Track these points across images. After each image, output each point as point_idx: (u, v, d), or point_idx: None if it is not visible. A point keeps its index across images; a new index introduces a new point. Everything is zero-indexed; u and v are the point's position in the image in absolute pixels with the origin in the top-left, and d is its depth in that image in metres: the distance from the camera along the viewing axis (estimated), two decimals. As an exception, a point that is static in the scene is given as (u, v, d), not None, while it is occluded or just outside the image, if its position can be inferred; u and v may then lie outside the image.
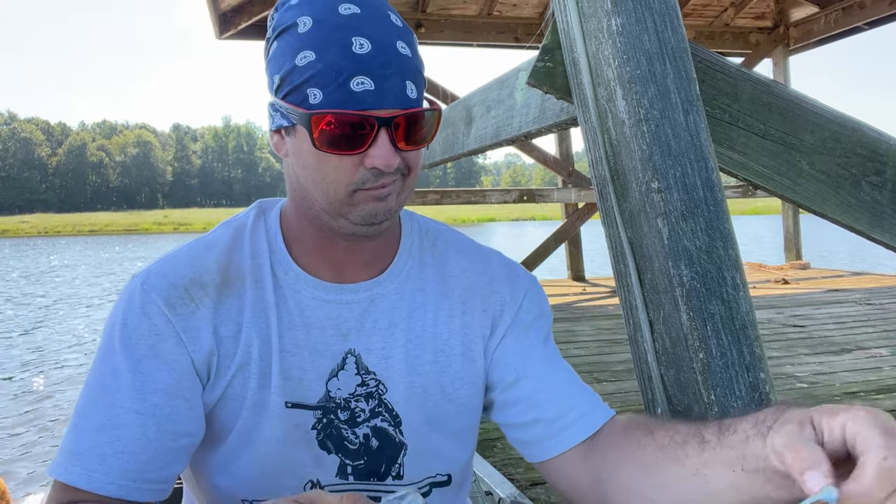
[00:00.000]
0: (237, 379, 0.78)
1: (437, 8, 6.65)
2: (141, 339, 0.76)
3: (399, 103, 0.71)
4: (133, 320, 0.76)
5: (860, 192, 1.20)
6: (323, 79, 0.70)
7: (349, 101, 0.69)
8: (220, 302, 0.79)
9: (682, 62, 1.03)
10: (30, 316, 10.98)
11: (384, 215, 0.75)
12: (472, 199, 7.06)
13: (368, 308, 0.82)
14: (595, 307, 5.58)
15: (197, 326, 0.77)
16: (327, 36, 0.70)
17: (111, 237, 57.07)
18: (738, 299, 0.99)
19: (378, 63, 0.70)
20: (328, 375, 0.80)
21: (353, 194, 0.73)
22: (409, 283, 0.85)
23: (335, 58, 0.69)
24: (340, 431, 0.81)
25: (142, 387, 0.74)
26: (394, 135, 0.71)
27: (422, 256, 0.88)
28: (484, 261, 0.90)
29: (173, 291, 0.77)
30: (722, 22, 7.36)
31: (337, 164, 0.72)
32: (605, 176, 1.09)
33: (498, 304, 0.87)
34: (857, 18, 6.51)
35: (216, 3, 5.91)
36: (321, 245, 0.82)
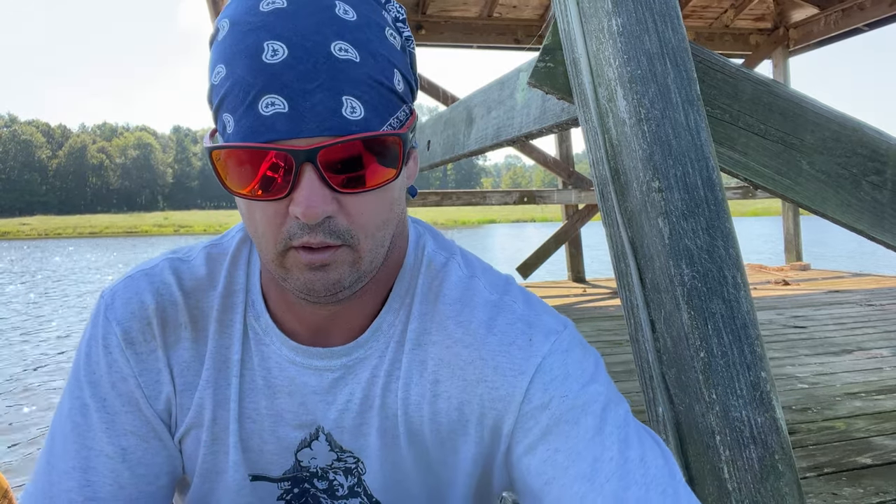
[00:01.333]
0: (189, 438, 0.68)
1: (437, 10, 6.66)
2: (103, 375, 0.66)
3: (329, 128, 0.51)
4: (95, 353, 0.67)
5: (860, 192, 1.20)
6: (232, 100, 0.53)
7: (257, 128, 0.52)
8: (180, 345, 0.67)
9: (683, 62, 1.04)
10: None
11: (326, 289, 0.57)
12: (472, 200, 7.06)
13: (344, 377, 0.67)
14: (595, 308, 5.58)
15: (156, 369, 0.67)
16: (238, 43, 0.53)
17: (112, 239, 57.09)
18: (739, 299, 0.99)
19: (296, 74, 0.51)
20: (297, 446, 0.68)
21: (285, 255, 0.56)
22: (392, 341, 0.67)
23: (242, 71, 0.52)
24: (319, 500, 0.70)
25: (110, 428, 0.65)
26: (322, 172, 0.52)
27: (411, 307, 0.68)
28: (484, 329, 0.65)
29: (134, 324, 0.66)
30: (722, 23, 7.37)
31: (262, 212, 0.55)
32: (606, 176, 1.09)
33: (494, 402, 0.64)
34: (857, 20, 6.51)
35: (216, 6, 5.92)
36: (290, 302, 0.66)
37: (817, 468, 2.03)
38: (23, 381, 6.10)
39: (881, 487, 1.87)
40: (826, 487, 1.89)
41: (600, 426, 0.60)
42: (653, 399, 1.09)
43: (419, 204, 6.23)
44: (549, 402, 0.61)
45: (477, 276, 0.69)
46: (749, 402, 0.97)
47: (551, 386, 0.62)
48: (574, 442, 0.59)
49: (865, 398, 2.75)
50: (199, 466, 0.68)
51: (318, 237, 0.54)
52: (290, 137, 0.51)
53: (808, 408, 2.65)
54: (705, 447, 0.98)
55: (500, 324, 0.65)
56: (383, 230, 0.59)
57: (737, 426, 0.96)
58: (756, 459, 0.96)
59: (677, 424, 1.03)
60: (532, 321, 0.66)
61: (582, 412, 0.60)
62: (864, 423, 2.43)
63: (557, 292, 6.60)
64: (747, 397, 0.97)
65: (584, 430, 0.59)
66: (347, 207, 0.55)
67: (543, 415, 0.61)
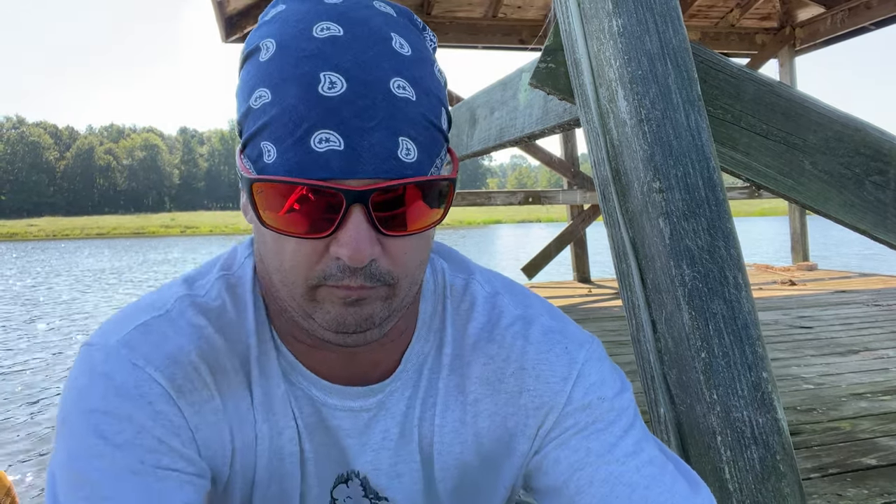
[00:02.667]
0: (256, 498, 0.63)
1: (442, 10, 6.67)
2: (142, 430, 0.54)
3: (385, 170, 0.49)
4: (123, 408, 0.54)
5: (863, 192, 1.20)
6: (278, 130, 0.49)
7: (307, 164, 0.48)
8: (233, 392, 0.60)
9: (684, 62, 1.04)
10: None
11: (357, 324, 0.54)
12: (477, 200, 7.07)
13: (377, 415, 0.63)
14: (601, 308, 5.57)
15: (213, 421, 0.58)
16: (289, 69, 0.49)
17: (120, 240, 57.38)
18: (740, 299, 0.99)
19: (354, 110, 0.48)
20: (334, 483, 0.65)
21: (316, 290, 0.53)
22: (425, 368, 0.65)
23: (294, 100, 0.49)
24: None
25: (160, 493, 0.54)
26: (372, 215, 0.49)
27: (442, 333, 0.66)
28: (521, 343, 0.65)
29: (178, 369, 0.57)
30: (727, 23, 7.35)
31: (296, 248, 0.52)
32: (608, 176, 1.09)
33: (537, 409, 0.65)
34: (864, 19, 6.48)
35: (222, 7, 5.95)
36: (310, 344, 0.61)
37: (822, 469, 2.02)
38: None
39: (886, 488, 1.86)
40: (830, 488, 1.88)
41: (630, 428, 0.63)
42: (654, 399, 1.09)
43: (424, 204, 6.23)
44: (588, 404, 0.64)
45: (500, 293, 0.69)
46: (750, 403, 0.97)
47: (591, 390, 0.64)
48: (608, 436, 0.62)
49: (871, 399, 2.74)
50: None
51: (359, 280, 0.52)
52: (344, 177, 0.48)
53: (813, 408, 2.64)
54: (706, 447, 0.98)
55: (535, 335, 0.66)
56: (420, 269, 0.57)
57: (738, 427, 0.96)
58: (757, 460, 0.96)
59: (679, 425, 1.03)
60: (563, 331, 0.67)
61: (617, 415, 0.64)
62: (869, 424, 2.42)
63: (563, 293, 6.59)
64: (748, 398, 0.97)
65: (618, 428, 0.63)
66: (390, 249, 0.52)
67: (582, 415, 0.63)
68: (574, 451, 0.62)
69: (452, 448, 0.65)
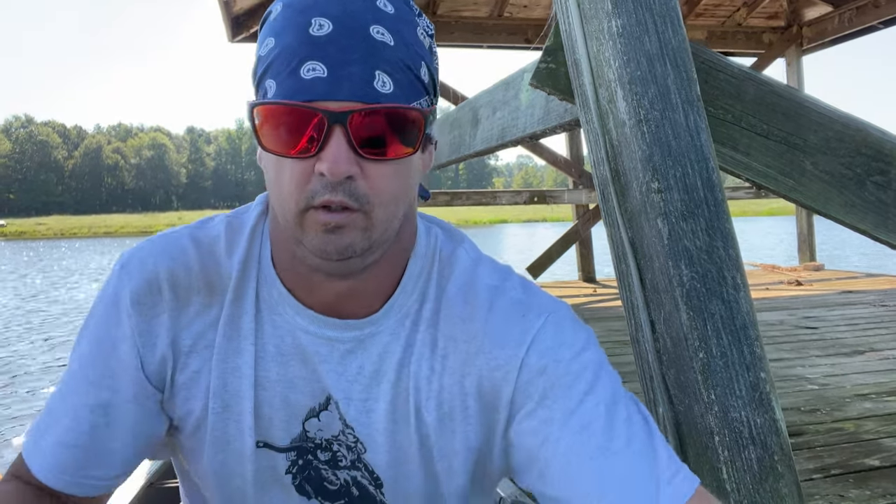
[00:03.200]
0: (194, 403, 0.70)
1: (447, 9, 6.67)
2: (107, 332, 0.69)
3: (360, 96, 0.57)
4: (105, 309, 0.70)
5: (864, 192, 1.20)
6: (277, 66, 0.59)
7: (297, 90, 0.57)
8: (190, 310, 0.69)
9: (683, 63, 1.04)
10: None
11: (340, 253, 0.60)
12: (482, 200, 7.07)
13: (354, 350, 0.69)
14: (606, 308, 5.57)
15: (155, 332, 0.69)
16: (289, 18, 0.60)
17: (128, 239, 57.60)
18: (739, 299, 0.99)
19: (337, 47, 0.57)
20: (305, 415, 0.70)
21: (304, 214, 0.60)
22: (407, 320, 0.70)
23: (290, 41, 0.59)
24: (320, 472, 0.72)
25: (98, 382, 0.68)
26: (351, 136, 0.57)
27: (426, 289, 0.71)
28: (486, 308, 0.69)
29: (144, 287, 0.68)
30: (734, 22, 7.32)
31: (289, 170, 0.60)
32: (607, 176, 1.10)
33: (492, 371, 0.68)
34: (872, 17, 6.44)
35: (229, 7, 5.96)
36: (304, 273, 0.68)
37: (824, 469, 2.02)
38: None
39: (888, 489, 1.85)
40: (833, 489, 1.87)
41: (591, 389, 0.65)
42: (653, 399, 1.09)
43: (429, 203, 6.24)
44: (544, 368, 0.66)
45: (482, 264, 0.74)
46: (748, 403, 0.97)
47: (546, 354, 0.67)
48: (567, 402, 0.64)
49: (876, 399, 2.73)
50: (210, 434, 0.70)
51: (339, 196, 0.58)
52: (325, 99, 0.57)
53: (817, 409, 2.63)
54: (704, 447, 0.98)
55: (500, 304, 0.70)
56: (396, 205, 0.62)
57: (736, 427, 0.96)
58: (755, 460, 0.96)
59: (677, 425, 1.04)
60: (529, 302, 0.70)
61: (575, 377, 0.65)
62: (873, 425, 2.41)
63: (568, 292, 6.59)
64: (746, 398, 0.97)
65: (577, 392, 0.65)
66: (368, 173, 0.59)
67: (540, 380, 0.66)
68: (539, 422, 0.65)
69: (420, 398, 0.69)
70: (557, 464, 0.63)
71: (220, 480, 0.72)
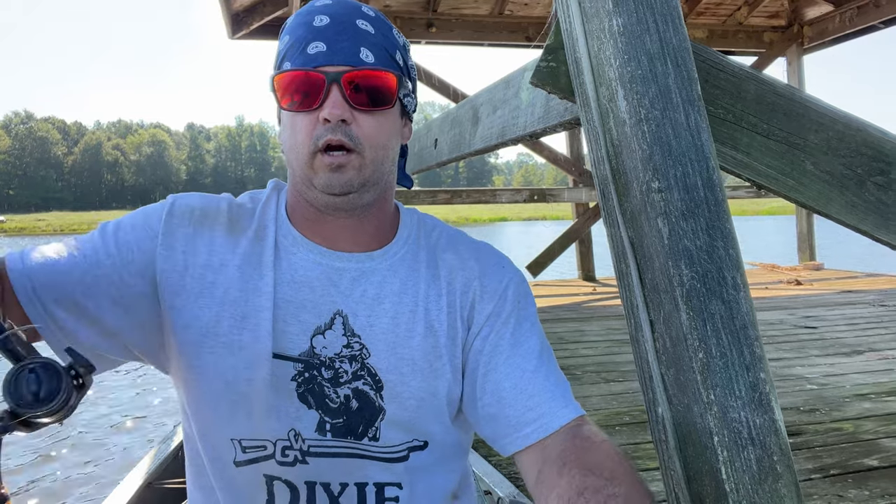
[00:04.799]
0: (207, 311, 0.82)
1: (447, 7, 6.66)
2: (137, 222, 0.84)
3: (350, 62, 0.79)
4: (142, 212, 0.86)
5: (865, 193, 1.19)
6: (291, 51, 0.81)
7: (304, 62, 0.79)
8: (211, 232, 0.85)
9: (684, 62, 1.03)
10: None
11: (342, 187, 0.80)
12: (482, 198, 7.07)
13: (358, 278, 0.86)
14: (605, 307, 5.56)
15: (176, 238, 0.83)
16: (299, 20, 0.82)
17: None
18: (739, 299, 0.99)
19: (333, 31, 0.80)
20: (313, 332, 0.84)
21: (314, 158, 0.79)
22: (403, 264, 0.89)
23: (301, 33, 0.81)
24: (323, 389, 0.84)
25: (103, 243, 0.81)
26: (344, 91, 0.78)
27: (417, 243, 0.92)
28: (473, 253, 0.93)
29: (180, 208, 0.86)
30: (735, 21, 7.31)
31: (300, 123, 0.80)
32: (607, 176, 1.09)
33: (479, 295, 0.89)
34: (873, 17, 6.44)
35: (229, 4, 5.95)
36: (314, 219, 0.87)
37: (823, 469, 2.02)
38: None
39: (887, 490, 1.85)
40: (832, 489, 1.87)
41: (532, 327, 0.91)
42: (652, 399, 1.09)
43: (429, 202, 6.24)
44: (517, 304, 0.91)
45: (462, 233, 0.97)
46: (748, 404, 0.97)
47: (521, 297, 0.92)
48: (518, 334, 0.89)
49: (875, 399, 2.73)
50: (224, 338, 0.82)
51: (338, 136, 0.78)
52: (325, 65, 0.79)
53: (816, 409, 2.63)
54: (703, 448, 0.98)
55: (483, 255, 0.94)
56: (383, 150, 0.83)
57: (735, 427, 0.96)
58: (754, 461, 0.96)
59: (676, 425, 1.03)
60: (502, 257, 0.96)
61: (530, 323, 0.91)
62: (872, 425, 2.41)
63: (567, 291, 6.59)
64: (746, 398, 0.97)
65: (525, 328, 0.90)
66: (358, 121, 0.80)
67: (511, 317, 0.89)
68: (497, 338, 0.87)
69: (429, 317, 0.87)
70: (505, 366, 0.86)
71: (227, 385, 0.82)
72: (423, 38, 6.74)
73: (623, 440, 2.29)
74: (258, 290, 0.83)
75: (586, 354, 3.73)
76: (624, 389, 3.01)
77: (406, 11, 6.62)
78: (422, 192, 6.42)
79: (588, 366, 3.46)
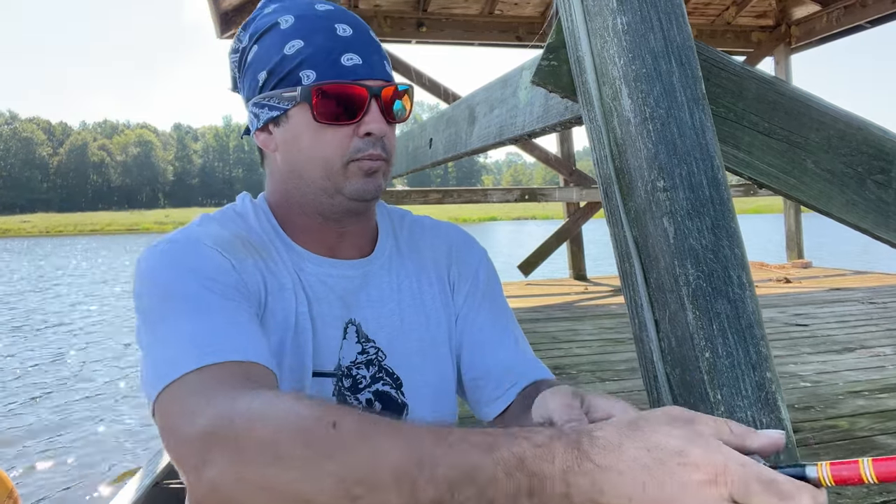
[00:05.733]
0: (271, 337, 0.78)
1: (438, 7, 6.65)
2: (212, 262, 0.73)
3: (384, 75, 0.80)
4: (193, 261, 0.73)
5: (865, 191, 1.19)
6: (315, 59, 0.77)
7: (343, 73, 0.77)
8: (262, 258, 0.80)
9: (688, 60, 1.03)
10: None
11: (374, 192, 0.81)
12: (473, 198, 7.06)
13: (363, 283, 0.88)
14: (597, 306, 5.57)
15: (249, 271, 0.77)
16: (312, 26, 0.79)
17: (114, 237, 57.06)
18: (745, 298, 0.98)
19: (361, 43, 0.79)
20: (339, 344, 0.84)
21: (347, 166, 0.79)
22: (392, 260, 0.92)
23: (323, 41, 0.78)
24: (344, 398, 0.84)
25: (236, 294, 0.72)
26: (383, 106, 0.79)
27: (396, 236, 0.95)
28: (444, 235, 0.99)
29: (219, 242, 0.76)
30: (723, 20, 7.35)
31: (333, 135, 0.79)
32: (611, 175, 1.09)
33: (458, 272, 0.95)
34: (860, 17, 6.49)
35: (217, 3, 5.91)
36: (314, 229, 0.86)
37: (820, 467, 2.02)
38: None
39: (885, 486, 1.86)
40: (830, 487, 1.88)
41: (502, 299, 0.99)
42: (657, 399, 1.08)
43: (421, 201, 6.22)
44: (488, 279, 0.97)
45: (428, 217, 1.02)
46: (754, 403, 0.96)
47: (491, 272, 0.99)
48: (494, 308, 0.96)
49: (868, 396, 2.75)
50: (286, 365, 0.79)
51: (378, 150, 0.80)
52: (366, 78, 0.78)
53: (810, 406, 2.65)
54: (710, 448, 0.97)
55: (449, 227, 1.01)
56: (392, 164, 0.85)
57: (742, 426, 0.96)
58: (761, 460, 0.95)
59: (682, 425, 1.03)
60: (472, 238, 1.02)
61: (499, 295, 0.98)
62: (867, 422, 2.43)
63: (559, 290, 6.59)
64: (752, 398, 0.96)
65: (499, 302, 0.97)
66: (388, 134, 0.82)
67: (487, 293, 0.96)
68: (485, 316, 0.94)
69: (425, 306, 0.91)
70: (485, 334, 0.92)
71: None
72: (413, 37, 6.72)
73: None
74: (298, 311, 0.81)
75: (580, 354, 3.73)
76: (619, 389, 3.01)
77: (396, 11, 6.61)
78: (413, 191, 6.40)
79: (583, 365, 3.46)
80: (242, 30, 0.84)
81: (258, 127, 0.83)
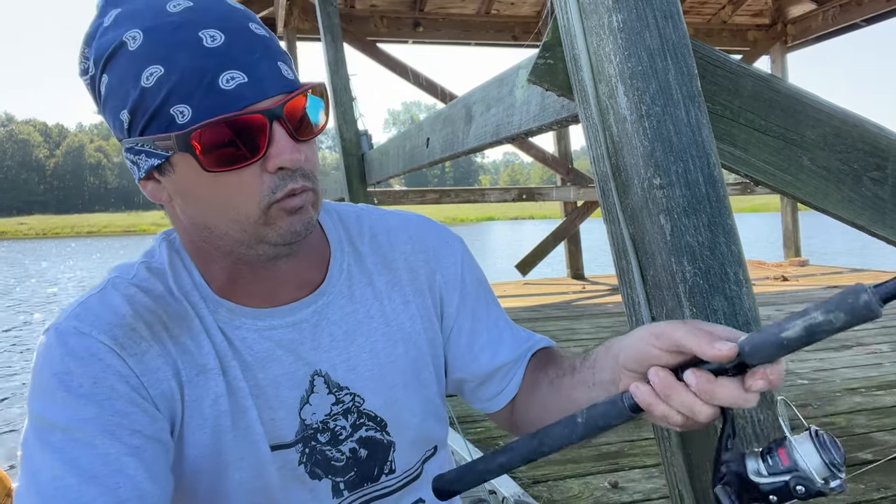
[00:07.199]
0: (204, 432, 0.69)
1: (434, 7, 6.65)
2: (97, 381, 0.63)
3: (282, 87, 0.62)
4: (79, 367, 0.63)
5: (861, 188, 1.20)
6: (184, 89, 0.58)
7: (226, 102, 0.59)
8: (173, 341, 0.68)
9: (684, 58, 1.03)
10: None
11: (305, 230, 0.66)
12: (470, 198, 7.06)
13: (319, 323, 0.75)
14: (595, 305, 5.58)
15: (155, 367, 0.66)
16: (169, 40, 0.59)
17: (111, 238, 57.01)
18: (741, 295, 0.99)
19: (241, 49, 0.60)
20: (299, 405, 0.73)
21: (268, 210, 0.63)
22: (354, 282, 0.78)
23: (189, 60, 0.58)
24: (325, 453, 0.75)
25: (116, 430, 0.62)
26: (288, 126, 0.62)
27: (355, 247, 0.81)
28: (417, 237, 0.85)
29: (118, 330, 0.65)
30: (720, 19, 7.36)
31: (237, 181, 0.62)
32: (607, 173, 1.09)
33: (442, 279, 0.85)
34: (855, 15, 6.51)
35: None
36: (242, 278, 0.72)
37: (818, 464, 2.03)
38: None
39: (882, 483, 1.87)
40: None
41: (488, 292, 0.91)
42: (655, 396, 1.09)
43: (418, 202, 6.22)
44: (473, 276, 0.88)
45: (366, 208, 0.88)
46: (751, 399, 0.97)
47: (473, 267, 0.89)
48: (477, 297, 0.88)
49: (865, 394, 2.76)
50: (229, 454, 0.70)
51: (299, 182, 0.64)
52: (258, 101, 0.60)
53: (808, 404, 2.65)
54: (707, 444, 0.97)
55: (424, 226, 0.87)
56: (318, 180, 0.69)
57: (739, 423, 0.96)
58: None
59: (679, 422, 1.03)
60: (439, 225, 0.91)
61: (481, 275, 0.90)
62: (864, 419, 2.43)
63: (556, 289, 6.60)
64: (750, 394, 0.97)
65: (490, 298, 0.90)
66: (305, 153, 0.65)
67: (474, 294, 0.87)
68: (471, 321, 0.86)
69: (403, 328, 0.80)
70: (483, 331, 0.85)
71: (250, 494, 0.72)
72: (409, 37, 6.73)
73: (619, 437, 2.29)
74: (231, 388, 0.70)
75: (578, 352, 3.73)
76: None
77: (393, 11, 6.61)
78: (410, 192, 6.41)
79: (580, 364, 3.46)
80: (86, 45, 0.65)
81: (141, 177, 0.66)
